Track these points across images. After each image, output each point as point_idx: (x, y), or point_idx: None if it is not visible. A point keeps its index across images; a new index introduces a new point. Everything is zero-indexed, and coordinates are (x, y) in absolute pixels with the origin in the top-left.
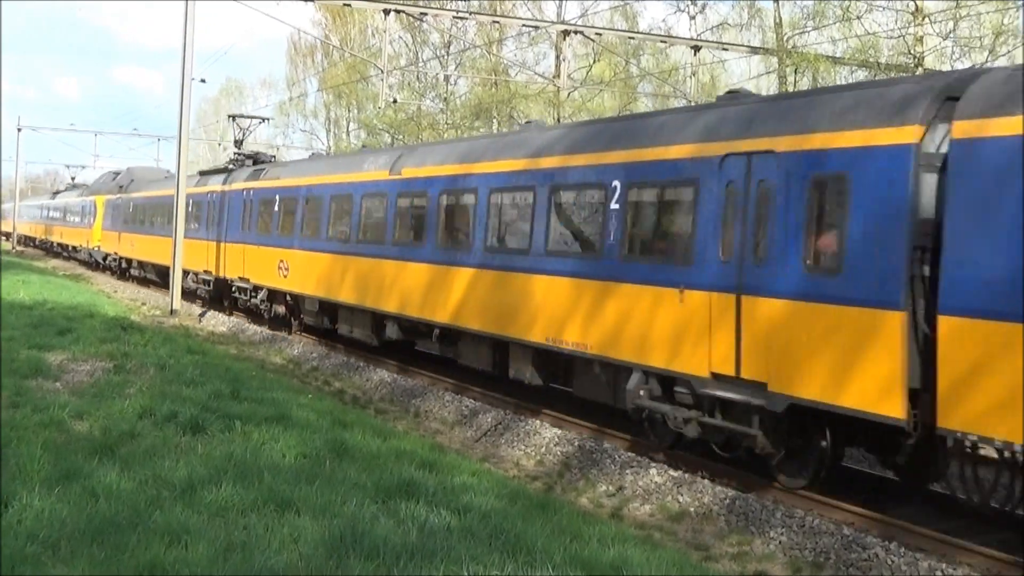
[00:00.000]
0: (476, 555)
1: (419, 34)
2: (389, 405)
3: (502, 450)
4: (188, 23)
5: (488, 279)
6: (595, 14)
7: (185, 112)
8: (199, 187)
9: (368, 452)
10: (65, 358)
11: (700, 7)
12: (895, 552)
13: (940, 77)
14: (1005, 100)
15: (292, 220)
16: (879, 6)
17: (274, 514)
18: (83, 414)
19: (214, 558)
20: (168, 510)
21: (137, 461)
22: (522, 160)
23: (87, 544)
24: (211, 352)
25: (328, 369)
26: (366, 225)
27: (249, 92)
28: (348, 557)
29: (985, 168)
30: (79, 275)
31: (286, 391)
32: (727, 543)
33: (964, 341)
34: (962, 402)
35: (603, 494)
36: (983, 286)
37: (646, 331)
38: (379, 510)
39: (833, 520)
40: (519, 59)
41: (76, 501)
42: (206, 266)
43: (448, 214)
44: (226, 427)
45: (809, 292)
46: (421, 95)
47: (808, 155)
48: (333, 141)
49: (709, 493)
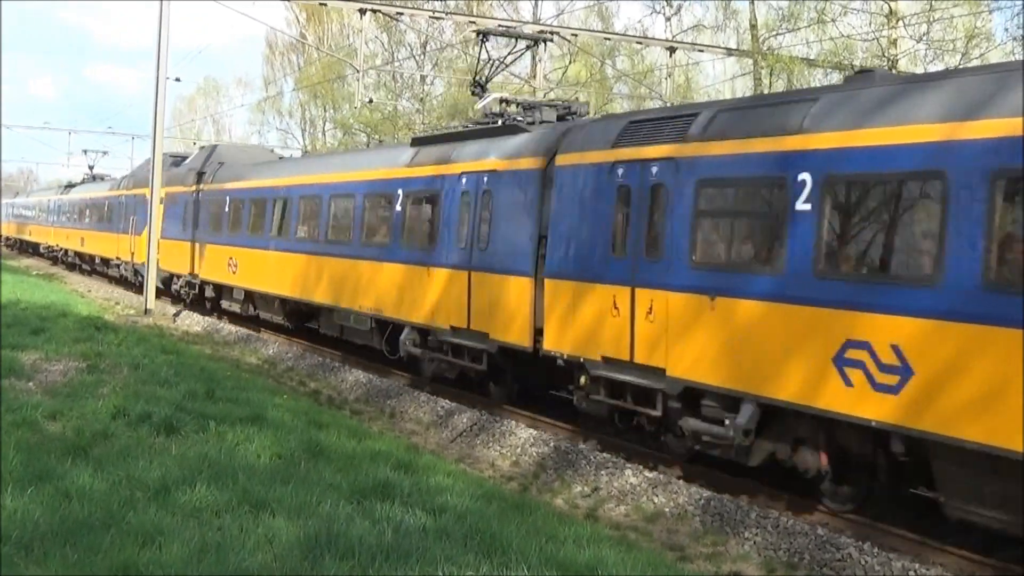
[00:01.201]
0: (451, 555)
1: (395, 34)
2: (364, 406)
3: (477, 451)
4: (163, 22)
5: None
6: (571, 14)
7: (160, 111)
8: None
9: (343, 453)
10: (38, 358)
11: (675, 8)
12: (868, 552)
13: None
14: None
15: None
16: (853, 9)
17: (249, 515)
18: (56, 414)
19: (188, 559)
20: (142, 511)
21: (111, 462)
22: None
23: (60, 545)
24: (185, 352)
25: (303, 369)
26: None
27: (225, 91)
28: (323, 558)
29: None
30: (52, 274)
31: (261, 391)
32: (702, 543)
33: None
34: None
35: (578, 495)
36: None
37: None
38: (354, 511)
39: (807, 521)
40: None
41: (49, 502)
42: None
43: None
44: (200, 427)
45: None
46: (397, 95)
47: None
48: (309, 141)
49: (684, 494)
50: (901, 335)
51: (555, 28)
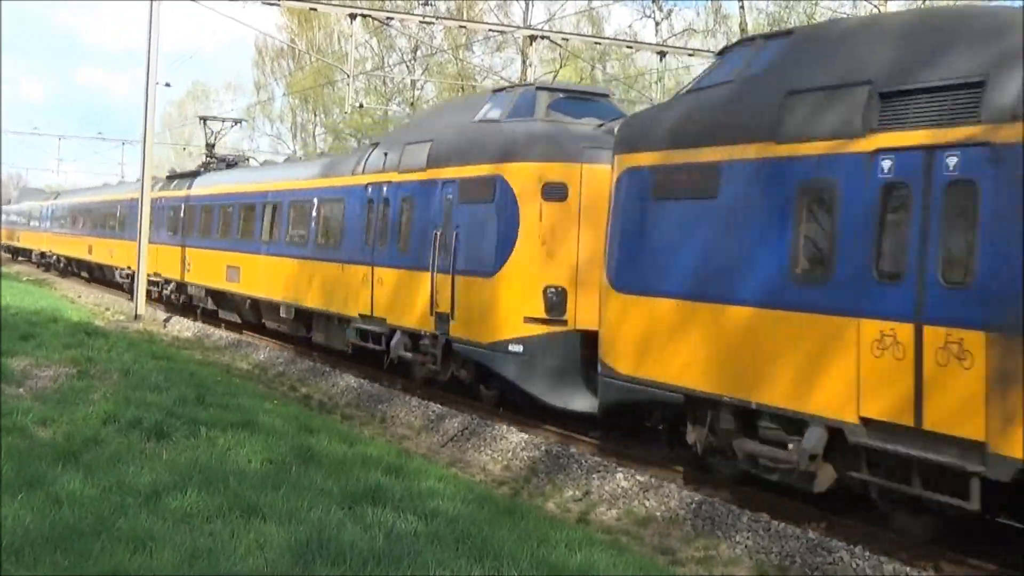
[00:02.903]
0: (443, 560)
1: (385, 39)
2: (355, 411)
3: (469, 455)
4: (153, 26)
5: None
6: (562, 19)
7: (150, 116)
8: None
9: (335, 458)
10: (28, 363)
11: (666, 13)
12: (860, 556)
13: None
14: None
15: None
16: (843, 12)
17: (240, 520)
18: (46, 420)
19: (179, 565)
20: (132, 517)
21: (101, 467)
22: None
23: (51, 551)
24: (176, 357)
25: (294, 374)
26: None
27: (215, 95)
28: (314, 563)
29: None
30: (42, 280)
31: (252, 397)
32: (693, 547)
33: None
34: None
35: (570, 499)
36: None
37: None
38: (345, 516)
39: (799, 524)
40: (486, 64)
41: (39, 508)
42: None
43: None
44: (191, 433)
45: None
46: (388, 99)
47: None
48: (300, 146)
49: (676, 497)
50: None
51: (546, 32)
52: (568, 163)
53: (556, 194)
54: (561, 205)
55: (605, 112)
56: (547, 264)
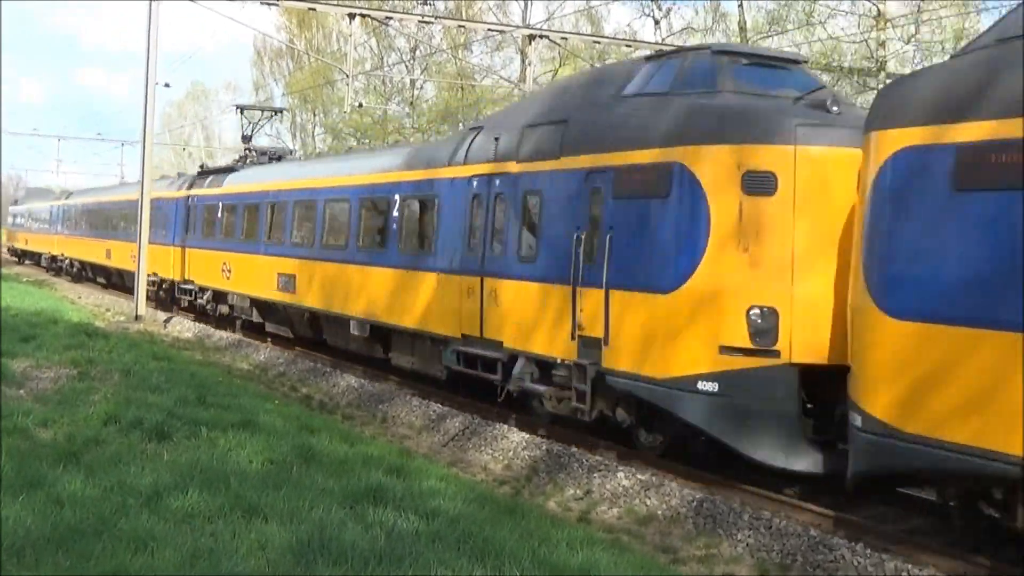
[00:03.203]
0: (444, 559)
1: (384, 38)
2: (356, 410)
3: (470, 455)
4: (152, 26)
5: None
6: (561, 18)
7: (150, 116)
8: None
9: (335, 457)
10: (29, 365)
11: (665, 12)
12: (861, 553)
13: None
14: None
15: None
16: (841, 11)
17: (241, 520)
18: (47, 421)
19: (180, 565)
20: (134, 517)
21: (102, 468)
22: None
23: (52, 552)
24: (176, 358)
25: (295, 375)
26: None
27: (214, 96)
28: (316, 562)
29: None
30: (43, 280)
31: (253, 397)
32: (695, 546)
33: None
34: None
35: (571, 498)
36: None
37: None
38: (347, 515)
39: (800, 521)
40: (485, 63)
41: (41, 508)
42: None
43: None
44: (192, 433)
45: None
46: (387, 99)
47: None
48: (299, 146)
49: (677, 496)
50: None
51: (545, 31)
52: (777, 145)
53: (761, 186)
54: (768, 200)
55: (800, 82)
56: (750, 278)
